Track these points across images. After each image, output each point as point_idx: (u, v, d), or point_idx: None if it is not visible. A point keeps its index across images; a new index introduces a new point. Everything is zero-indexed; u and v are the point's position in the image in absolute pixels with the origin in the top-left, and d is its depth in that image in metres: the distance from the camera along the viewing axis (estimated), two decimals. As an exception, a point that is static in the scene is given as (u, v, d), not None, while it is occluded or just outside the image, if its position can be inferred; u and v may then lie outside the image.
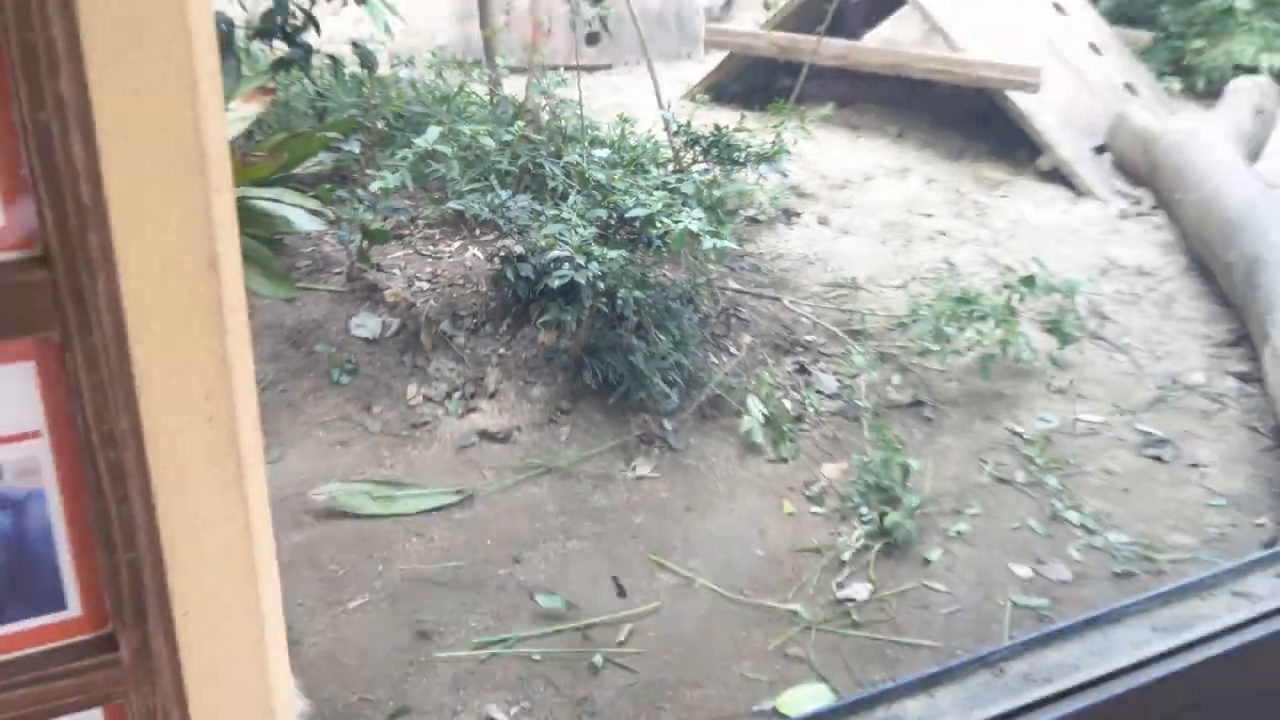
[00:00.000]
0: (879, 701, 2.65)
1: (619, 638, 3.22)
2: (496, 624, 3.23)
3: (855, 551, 3.59)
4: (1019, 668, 2.72)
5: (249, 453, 1.05)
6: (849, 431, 4.27)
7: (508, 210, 4.39)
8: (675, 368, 4.23)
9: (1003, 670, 2.72)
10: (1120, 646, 2.59)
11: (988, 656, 2.78)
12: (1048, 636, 2.74)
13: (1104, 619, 2.67)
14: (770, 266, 5.48)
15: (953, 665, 2.79)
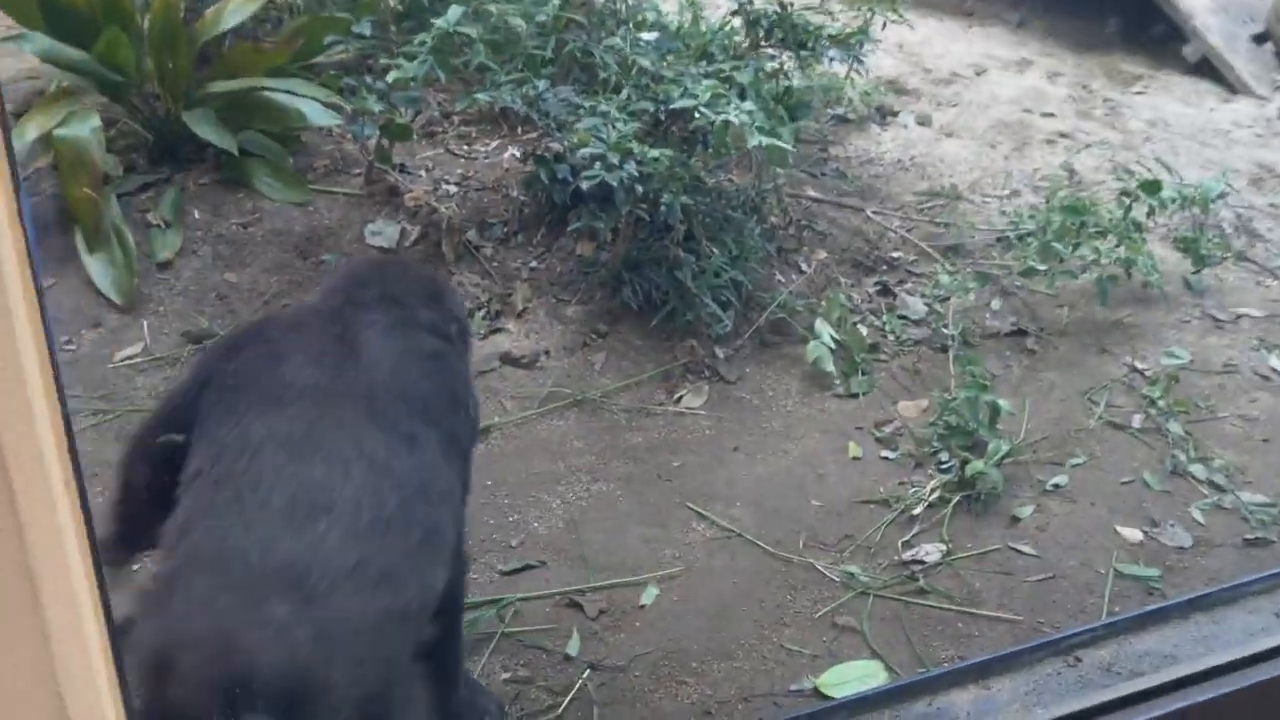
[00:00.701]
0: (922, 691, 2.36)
1: (640, 600, 2.97)
2: (492, 583, 3.00)
3: (929, 505, 3.28)
4: (1099, 656, 2.41)
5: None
6: (934, 364, 3.94)
7: (544, 103, 4.10)
8: (730, 286, 3.93)
9: (1079, 659, 2.41)
10: (1233, 634, 2.26)
11: (1061, 641, 2.47)
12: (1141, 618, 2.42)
13: (1215, 599, 2.33)
14: (857, 172, 5.12)
15: (1016, 650, 2.48)
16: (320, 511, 1.90)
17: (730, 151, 3.97)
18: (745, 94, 3.77)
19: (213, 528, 1.92)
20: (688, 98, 3.65)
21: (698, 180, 3.99)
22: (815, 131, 5.40)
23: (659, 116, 3.93)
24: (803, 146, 5.22)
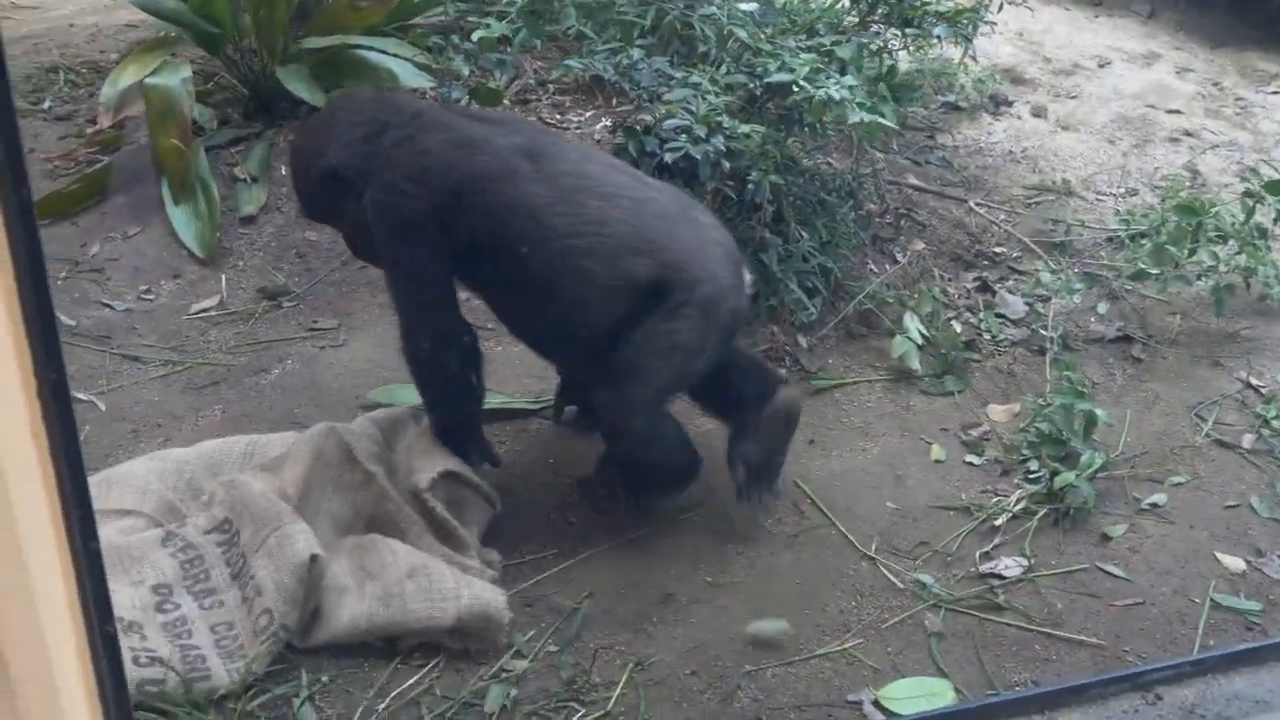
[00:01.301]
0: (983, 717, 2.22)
1: (698, 595, 2.85)
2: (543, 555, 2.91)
3: (1012, 516, 3.11)
4: (1182, 695, 2.24)
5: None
6: (1030, 367, 3.75)
7: (637, 73, 3.98)
8: (819, 272, 3.78)
9: (1159, 696, 2.24)
10: (1337, 683, 2.07)
11: (1141, 675, 2.30)
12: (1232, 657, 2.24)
13: (1318, 641, 2.15)
14: (964, 162, 4.92)
15: (1088, 682, 2.32)
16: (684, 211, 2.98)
17: (827, 130, 3.81)
18: (846, 70, 3.61)
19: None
20: (784, 71, 3.49)
21: (791, 160, 3.84)
22: (923, 118, 5.21)
23: (755, 91, 3.78)
24: (908, 134, 5.05)
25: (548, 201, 2.82)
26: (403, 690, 2.55)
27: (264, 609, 2.57)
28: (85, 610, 1.20)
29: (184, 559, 2.70)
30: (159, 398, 3.42)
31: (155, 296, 3.87)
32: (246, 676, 2.50)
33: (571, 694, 2.57)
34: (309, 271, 3.98)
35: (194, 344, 3.67)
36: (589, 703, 2.55)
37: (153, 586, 2.63)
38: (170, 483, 2.90)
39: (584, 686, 2.58)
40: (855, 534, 3.05)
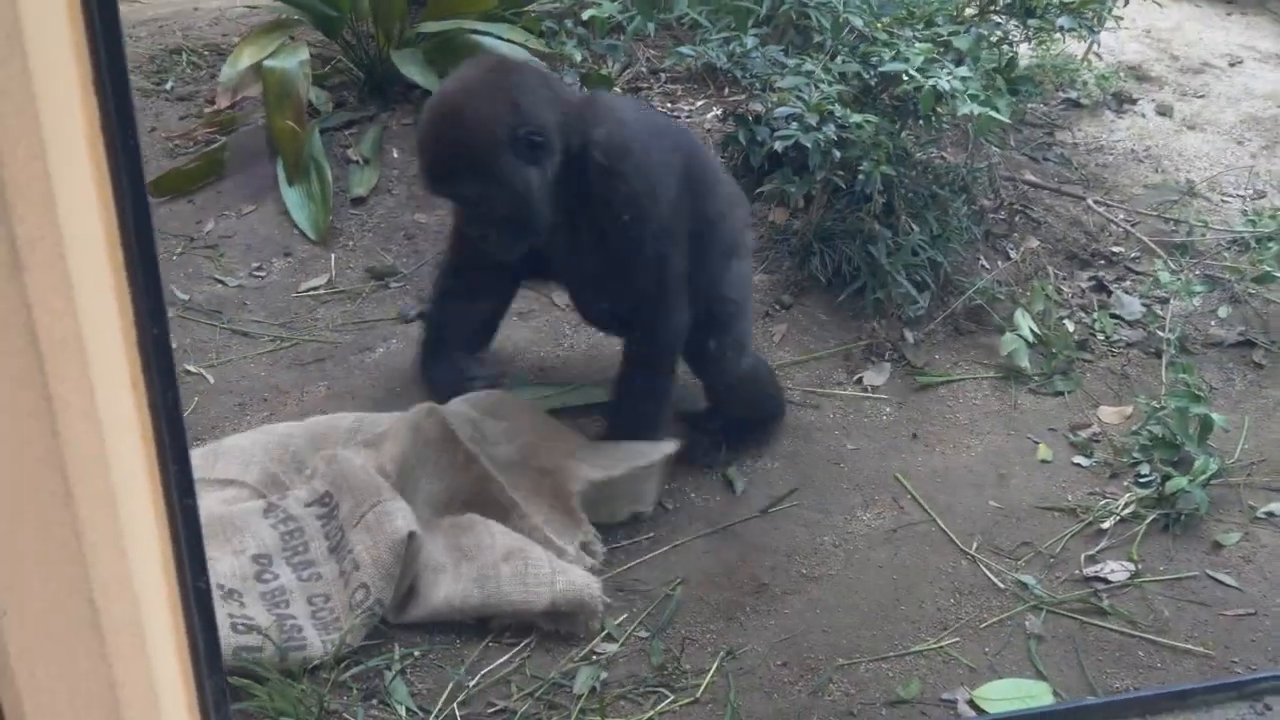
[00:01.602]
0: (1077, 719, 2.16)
1: (793, 586, 2.83)
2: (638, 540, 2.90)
3: (1120, 520, 3.03)
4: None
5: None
6: (1145, 369, 3.65)
7: (750, 61, 3.96)
8: (928, 266, 3.72)
9: (1268, 707, 2.17)
10: None
11: (1249, 684, 2.22)
12: (1348, 671, 2.15)
13: None
14: (1084, 160, 4.81)
15: (1192, 688, 2.25)
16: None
17: (940, 122, 3.74)
18: (963, 61, 3.54)
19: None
20: (899, 61, 3.44)
21: (903, 151, 3.78)
22: (1043, 114, 5.10)
23: (869, 81, 3.74)
24: (1027, 129, 4.94)
25: (715, 167, 3.18)
26: (493, 668, 2.57)
27: (360, 583, 2.61)
28: (179, 564, 1.22)
29: (284, 530, 2.75)
30: (265, 372, 3.49)
31: (266, 274, 3.95)
32: (341, 648, 2.54)
33: (661, 680, 2.56)
34: (416, 253, 4.03)
35: (302, 321, 3.74)
36: (678, 689, 2.55)
37: (253, 556, 2.68)
38: (275, 455, 2.96)
39: (674, 673, 2.58)
40: (956, 531, 2.99)
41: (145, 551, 1.18)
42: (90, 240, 1.06)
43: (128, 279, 1.11)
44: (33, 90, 0.92)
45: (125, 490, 1.12)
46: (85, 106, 1.03)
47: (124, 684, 1.14)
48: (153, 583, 1.20)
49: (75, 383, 1.02)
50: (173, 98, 4.80)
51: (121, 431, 1.12)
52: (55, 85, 0.95)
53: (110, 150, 1.05)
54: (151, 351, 1.14)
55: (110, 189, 1.08)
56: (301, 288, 3.88)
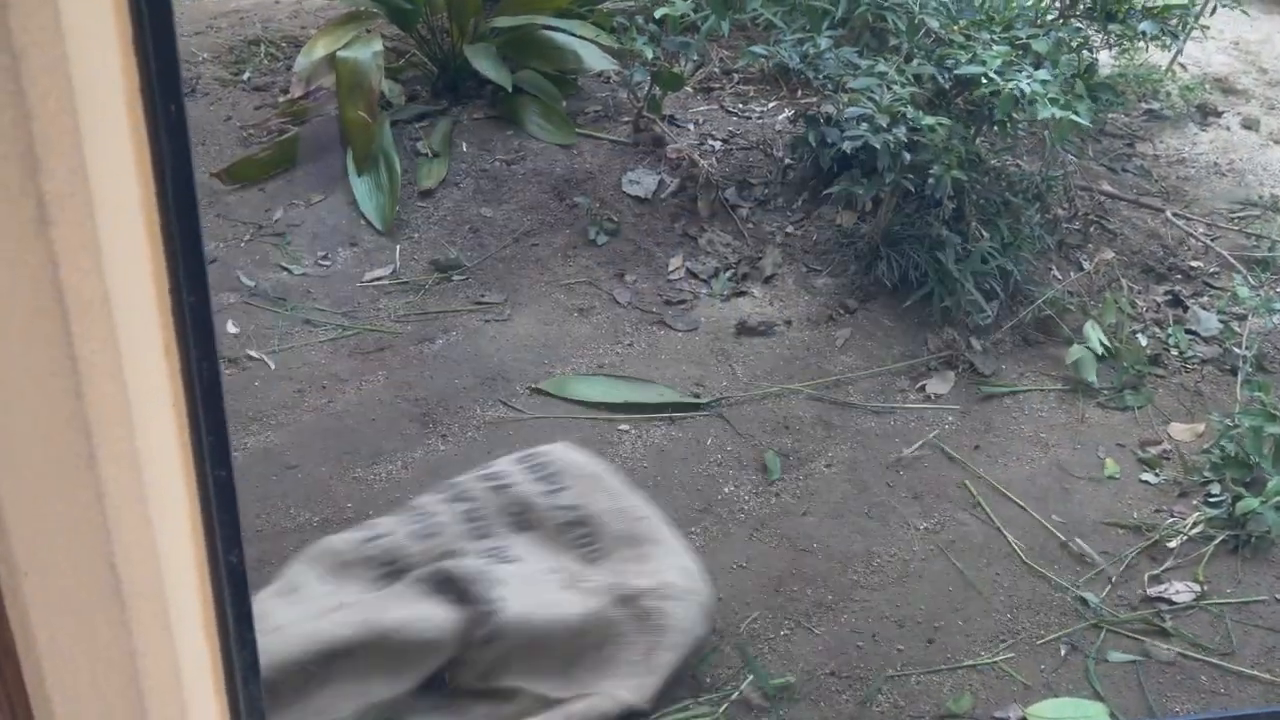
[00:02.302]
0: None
1: (845, 595, 2.78)
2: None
3: (1187, 540, 2.94)
4: (1360, 739, 2.07)
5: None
6: (1219, 386, 3.55)
7: (823, 62, 3.91)
8: (997, 275, 3.65)
9: (1334, 738, 2.08)
10: None
11: (1314, 713, 2.13)
12: None
13: None
14: (1164, 172, 4.70)
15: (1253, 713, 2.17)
16: None
17: (1017, 128, 3.67)
18: (1041, 65, 3.47)
19: None
20: (975, 64, 3.38)
21: (976, 156, 3.72)
22: (1123, 125, 5.00)
23: (944, 84, 3.68)
24: (1106, 140, 4.85)
25: None
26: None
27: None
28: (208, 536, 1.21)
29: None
30: (326, 360, 3.50)
31: (332, 263, 3.97)
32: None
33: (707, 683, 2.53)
34: (480, 247, 4.03)
35: (364, 311, 3.75)
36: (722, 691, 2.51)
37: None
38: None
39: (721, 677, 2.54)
40: (1016, 544, 2.93)
41: (172, 520, 1.16)
42: (123, 201, 1.05)
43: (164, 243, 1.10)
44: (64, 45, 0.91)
45: (152, 457, 1.10)
46: (125, 65, 1.02)
47: (144, 653, 1.13)
48: (179, 552, 1.18)
49: (101, 344, 1.01)
50: (249, 87, 4.85)
51: (150, 397, 1.10)
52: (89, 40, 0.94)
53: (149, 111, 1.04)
54: (187, 319, 1.13)
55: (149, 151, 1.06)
56: (366, 278, 3.90)
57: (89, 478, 1.04)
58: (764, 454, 3.18)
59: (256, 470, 3.09)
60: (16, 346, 0.95)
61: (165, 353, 1.13)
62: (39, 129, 0.92)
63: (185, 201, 1.13)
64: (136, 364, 1.05)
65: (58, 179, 0.93)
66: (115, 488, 1.05)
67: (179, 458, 1.17)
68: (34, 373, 0.99)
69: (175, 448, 1.16)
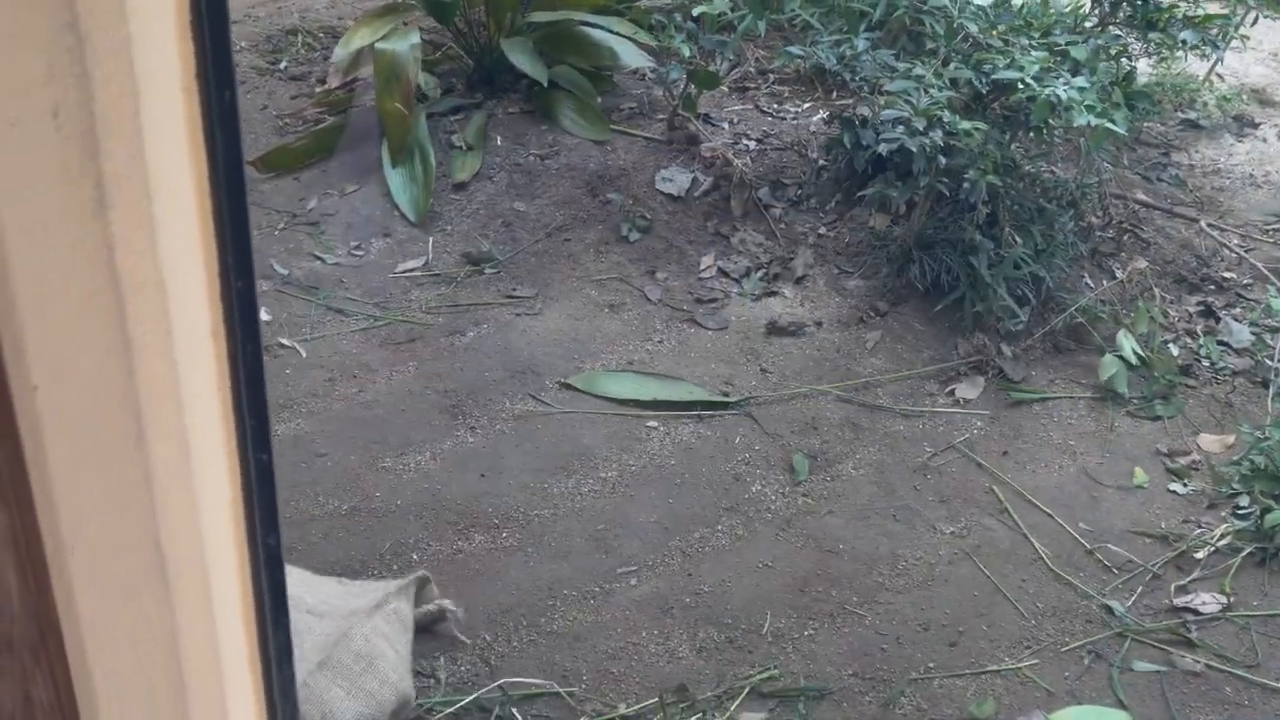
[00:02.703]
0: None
1: (867, 597, 2.78)
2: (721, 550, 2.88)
3: (1215, 551, 2.93)
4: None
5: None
6: (1251, 398, 3.53)
7: (860, 64, 3.91)
8: (1030, 281, 3.65)
9: (1360, 752, 2.07)
10: None
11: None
12: None
13: None
14: (1199, 182, 4.67)
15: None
16: None
17: (1053, 134, 3.66)
18: (1079, 72, 3.46)
19: None
20: (1013, 69, 3.38)
21: (1011, 162, 3.71)
22: (1159, 134, 4.97)
23: (980, 89, 3.67)
24: (1141, 149, 4.83)
25: None
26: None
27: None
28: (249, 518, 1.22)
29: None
30: (357, 349, 3.53)
31: (365, 253, 3.99)
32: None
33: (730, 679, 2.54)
34: (513, 241, 4.04)
35: (396, 301, 3.77)
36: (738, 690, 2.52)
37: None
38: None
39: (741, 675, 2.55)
40: (1043, 550, 2.92)
41: (215, 501, 1.18)
42: (178, 186, 1.06)
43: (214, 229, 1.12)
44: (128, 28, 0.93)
45: (199, 438, 1.12)
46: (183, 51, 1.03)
47: (186, 631, 1.15)
48: (221, 534, 1.20)
49: (154, 324, 1.03)
50: (286, 77, 4.88)
51: (198, 379, 1.12)
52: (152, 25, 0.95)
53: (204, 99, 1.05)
54: (235, 303, 1.14)
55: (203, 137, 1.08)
56: (398, 269, 3.92)
57: (138, 456, 1.05)
58: (792, 454, 3.19)
59: (287, 457, 3.11)
60: (73, 326, 0.96)
61: (213, 336, 1.15)
62: (100, 111, 0.93)
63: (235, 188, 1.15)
64: (186, 346, 1.07)
65: (116, 161, 0.95)
66: (163, 467, 1.07)
67: (223, 440, 1.18)
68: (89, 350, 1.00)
69: (220, 430, 1.17)
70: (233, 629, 1.24)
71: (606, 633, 2.66)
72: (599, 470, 3.12)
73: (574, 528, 2.94)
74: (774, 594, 2.78)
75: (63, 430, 1.05)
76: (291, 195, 4.21)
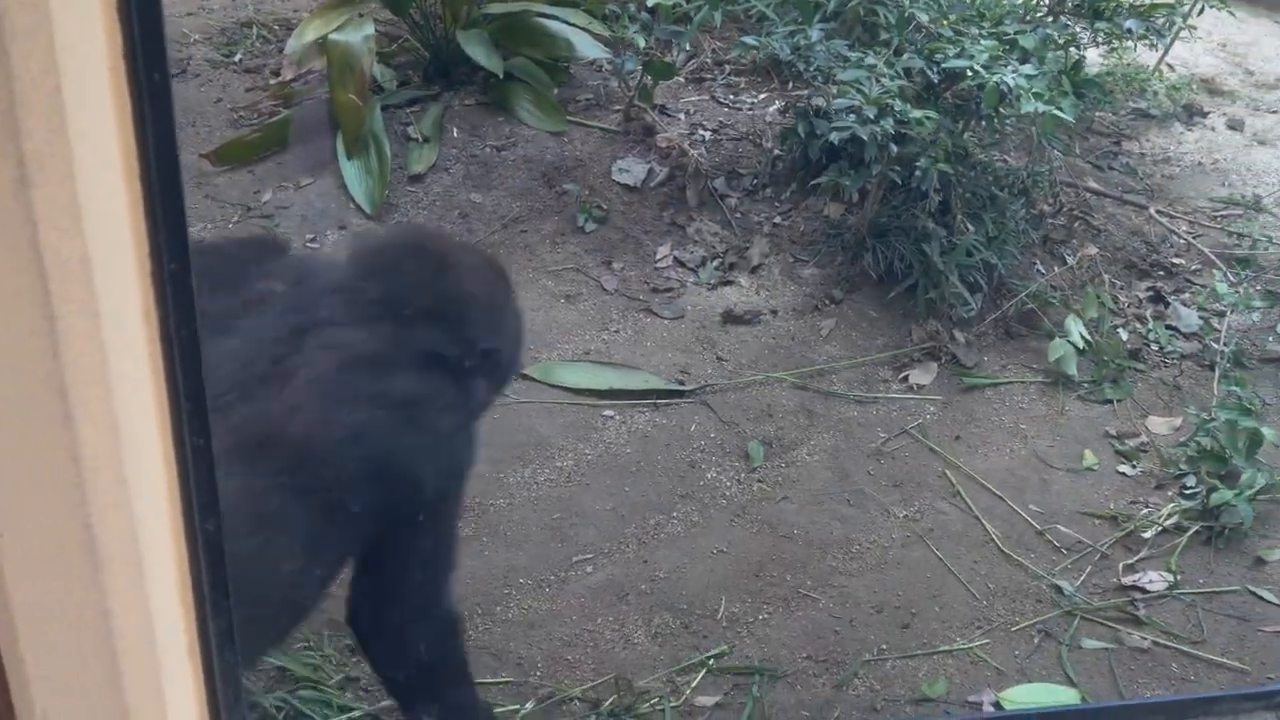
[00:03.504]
0: None
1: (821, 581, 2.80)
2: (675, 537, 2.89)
3: (1162, 530, 2.97)
4: (1324, 722, 2.09)
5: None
6: (1198, 381, 3.57)
7: (813, 54, 3.92)
8: (982, 268, 3.67)
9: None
10: None
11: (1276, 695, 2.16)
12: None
13: None
14: (1149, 170, 4.72)
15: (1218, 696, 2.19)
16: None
17: (1004, 123, 3.68)
18: (1028, 60, 3.48)
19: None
20: (963, 58, 3.39)
21: (964, 150, 3.73)
22: (1110, 123, 5.02)
23: (932, 78, 3.69)
24: (1093, 138, 4.86)
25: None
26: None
27: None
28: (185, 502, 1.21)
29: None
30: (314, 341, 3.51)
31: (319, 246, 3.97)
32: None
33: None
34: (469, 232, 4.03)
35: (353, 293, 3.75)
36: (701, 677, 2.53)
37: None
38: None
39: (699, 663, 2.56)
40: (994, 533, 2.95)
41: (148, 485, 1.17)
42: (105, 165, 1.05)
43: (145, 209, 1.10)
44: (48, 7, 0.92)
45: (129, 420, 1.11)
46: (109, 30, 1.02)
47: (118, 613, 1.14)
48: (155, 516, 1.19)
49: (80, 305, 1.02)
50: (240, 69, 4.84)
51: (128, 360, 1.11)
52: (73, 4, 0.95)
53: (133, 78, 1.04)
54: (169, 285, 1.13)
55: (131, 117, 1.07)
56: (354, 260, 3.90)
57: (65, 438, 1.04)
58: (747, 442, 3.20)
59: (242, 449, 3.09)
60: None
61: (145, 317, 1.14)
62: (20, 90, 0.92)
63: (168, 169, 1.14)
64: (115, 326, 1.06)
65: (37, 140, 0.94)
66: (91, 450, 1.06)
67: (157, 422, 1.17)
68: (12, 331, 0.99)
69: (153, 412, 1.16)
70: (170, 614, 1.23)
71: (561, 620, 2.66)
72: (555, 459, 3.12)
73: (530, 517, 2.94)
74: (729, 579, 2.79)
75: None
76: (246, 188, 4.18)
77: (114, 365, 1.05)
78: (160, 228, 1.13)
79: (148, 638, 1.15)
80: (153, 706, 1.18)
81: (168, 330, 1.15)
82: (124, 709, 1.15)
